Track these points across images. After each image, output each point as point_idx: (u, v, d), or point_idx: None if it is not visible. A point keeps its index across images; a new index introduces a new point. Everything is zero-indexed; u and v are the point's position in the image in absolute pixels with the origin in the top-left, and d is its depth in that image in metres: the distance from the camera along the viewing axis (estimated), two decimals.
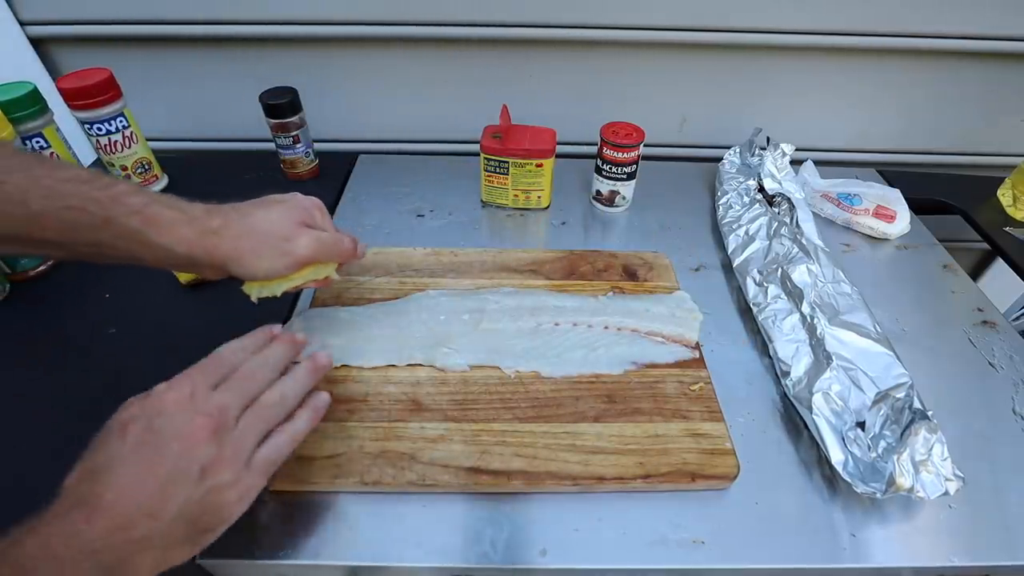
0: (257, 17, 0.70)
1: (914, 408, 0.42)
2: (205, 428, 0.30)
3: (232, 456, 0.31)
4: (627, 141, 0.63)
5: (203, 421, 0.30)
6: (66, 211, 0.33)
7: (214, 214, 0.38)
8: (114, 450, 0.29)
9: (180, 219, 0.36)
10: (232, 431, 0.31)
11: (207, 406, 0.31)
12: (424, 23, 0.70)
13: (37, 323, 0.52)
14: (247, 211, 0.40)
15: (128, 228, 0.35)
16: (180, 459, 0.29)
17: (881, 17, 0.70)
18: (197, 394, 0.32)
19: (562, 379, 0.47)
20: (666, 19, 0.70)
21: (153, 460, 0.29)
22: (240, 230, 0.38)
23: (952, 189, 0.75)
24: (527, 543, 0.38)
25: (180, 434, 0.30)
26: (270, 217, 0.40)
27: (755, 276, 0.56)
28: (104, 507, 0.28)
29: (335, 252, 0.43)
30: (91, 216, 0.34)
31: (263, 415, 0.33)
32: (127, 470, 0.29)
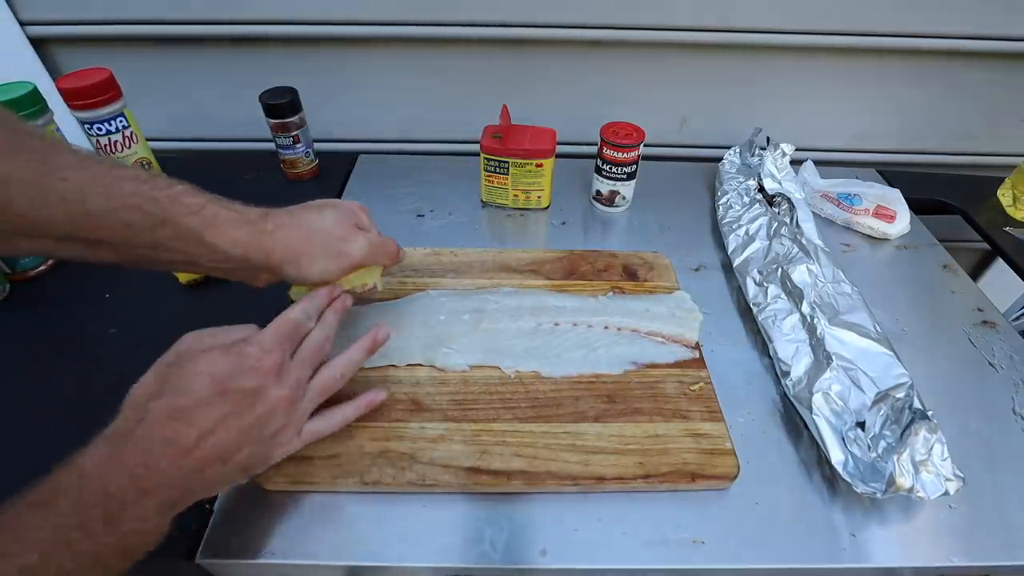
0: (257, 17, 0.70)
1: (914, 408, 0.42)
2: (286, 401, 0.34)
3: (294, 426, 0.35)
4: (627, 141, 0.63)
5: (287, 394, 0.34)
6: (125, 210, 0.33)
7: (269, 217, 0.38)
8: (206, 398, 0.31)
9: (237, 220, 0.36)
10: (297, 404, 0.35)
11: (291, 379, 0.35)
12: (424, 23, 0.70)
13: (37, 323, 0.52)
14: (300, 214, 0.40)
15: (186, 228, 0.34)
16: (260, 422, 0.33)
17: (881, 17, 0.70)
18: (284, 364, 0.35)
19: (562, 379, 0.47)
20: (666, 19, 0.70)
21: (238, 417, 0.32)
22: (295, 232, 0.39)
23: (952, 189, 0.75)
24: (527, 543, 0.38)
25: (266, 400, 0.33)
26: (324, 219, 0.40)
27: (755, 276, 0.56)
28: (186, 448, 0.30)
29: (384, 254, 0.44)
30: (149, 216, 0.33)
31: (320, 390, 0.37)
32: (214, 419, 0.31)
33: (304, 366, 0.36)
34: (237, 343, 0.34)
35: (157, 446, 0.30)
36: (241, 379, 0.32)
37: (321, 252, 0.40)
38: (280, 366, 0.34)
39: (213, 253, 0.36)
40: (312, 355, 0.37)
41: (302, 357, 0.36)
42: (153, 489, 0.29)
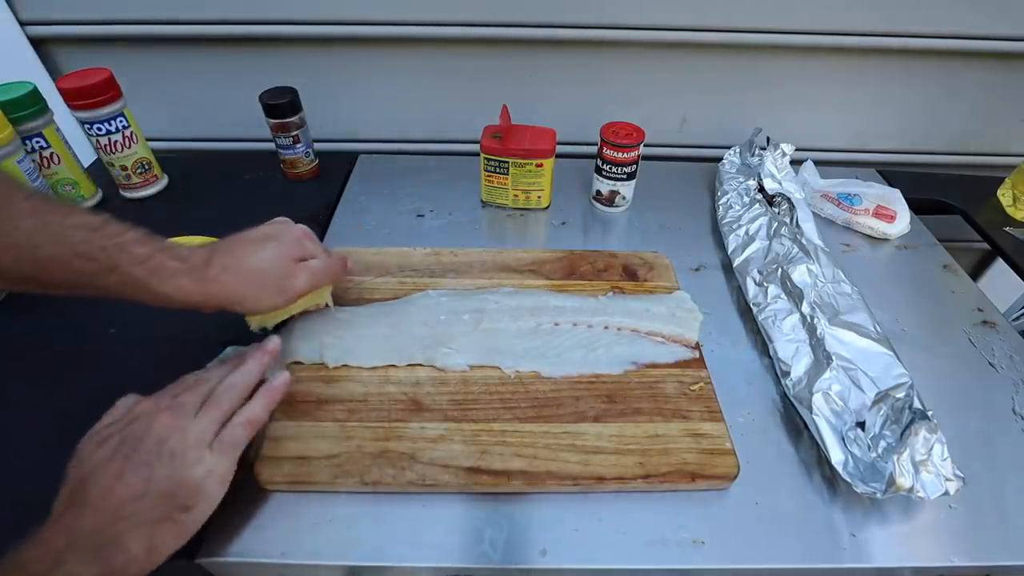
0: (257, 17, 0.70)
1: (914, 408, 0.42)
2: (168, 417, 0.35)
3: (194, 440, 0.35)
4: (627, 141, 0.63)
5: (165, 414, 0.35)
6: (75, 258, 0.34)
7: (213, 261, 0.40)
8: (94, 459, 0.33)
9: (181, 269, 0.38)
10: (192, 421, 0.35)
11: (169, 404, 0.36)
12: (424, 23, 0.70)
13: (36, 323, 0.52)
14: (243, 252, 0.41)
15: (132, 276, 0.36)
16: (152, 447, 0.33)
17: (881, 17, 0.70)
18: (160, 401, 0.36)
19: (562, 379, 0.47)
20: (666, 19, 0.70)
21: (129, 454, 0.33)
22: (238, 275, 0.40)
23: (952, 189, 0.75)
24: (527, 543, 0.38)
25: (149, 428, 0.34)
26: (265, 257, 0.42)
27: (755, 276, 0.56)
28: (92, 503, 0.31)
29: (328, 279, 0.46)
30: (98, 264, 0.35)
31: (216, 403, 0.37)
32: (108, 468, 0.32)
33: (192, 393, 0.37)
34: None
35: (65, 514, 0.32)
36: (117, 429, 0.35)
37: (265, 292, 0.41)
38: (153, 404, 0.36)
39: (158, 298, 0.38)
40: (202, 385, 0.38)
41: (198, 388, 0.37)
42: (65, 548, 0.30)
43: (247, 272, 0.41)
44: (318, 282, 0.45)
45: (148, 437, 0.34)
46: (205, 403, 0.37)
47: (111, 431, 0.35)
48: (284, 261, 0.42)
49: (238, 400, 0.38)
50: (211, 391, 0.37)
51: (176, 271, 0.38)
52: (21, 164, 0.58)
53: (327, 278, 0.46)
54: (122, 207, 0.68)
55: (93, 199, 0.67)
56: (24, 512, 0.39)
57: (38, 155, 0.61)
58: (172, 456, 0.34)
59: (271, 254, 0.42)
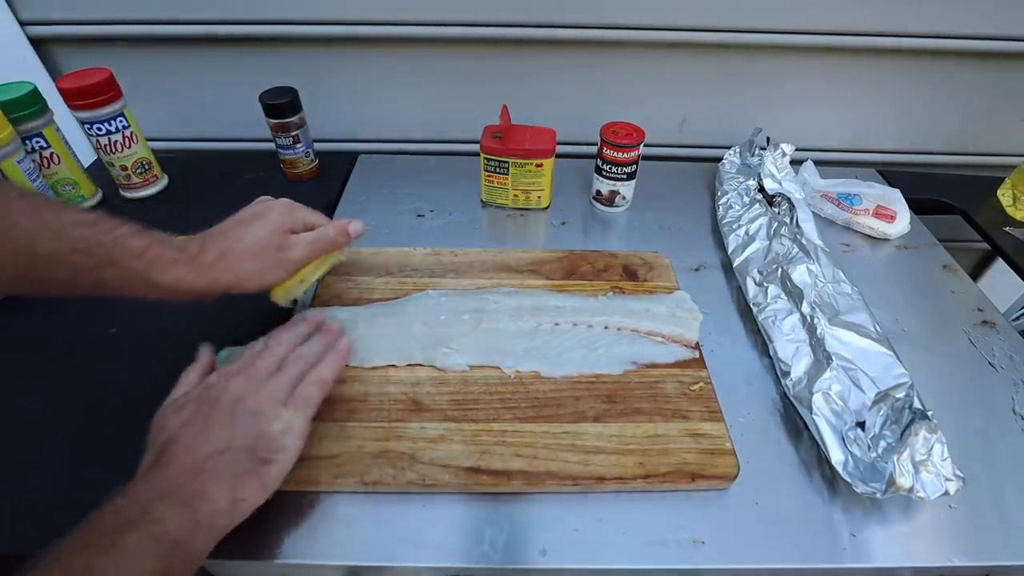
0: (257, 17, 0.70)
1: (914, 408, 0.42)
2: (243, 381, 0.37)
3: (270, 397, 0.37)
4: (627, 141, 0.63)
5: (241, 377, 0.38)
6: (72, 254, 0.35)
7: (206, 246, 0.40)
8: (175, 423, 0.35)
9: (178, 259, 0.38)
10: (266, 382, 0.38)
11: (242, 370, 0.39)
12: (424, 23, 0.70)
13: (36, 323, 0.52)
14: (234, 236, 0.42)
15: (130, 269, 0.37)
16: (230, 406, 0.36)
17: (881, 17, 0.70)
18: (231, 369, 0.39)
19: (562, 379, 0.47)
20: (666, 19, 0.70)
21: (209, 416, 0.35)
22: (233, 257, 0.41)
23: (952, 189, 0.75)
24: (527, 543, 0.38)
25: (224, 391, 0.37)
26: (257, 234, 0.42)
27: (755, 276, 0.56)
28: (175, 457, 0.33)
29: (327, 246, 0.47)
30: (95, 259, 0.35)
31: (286, 369, 0.40)
32: (190, 428, 0.35)
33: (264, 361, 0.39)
34: None
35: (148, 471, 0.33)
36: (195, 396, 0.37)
37: (263, 268, 0.42)
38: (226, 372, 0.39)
39: (159, 290, 0.38)
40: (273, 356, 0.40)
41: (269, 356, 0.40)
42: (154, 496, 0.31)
43: (242, 253, 0.41)
44: (317, 250, 0.45)
45: (224, 397, 0.36)
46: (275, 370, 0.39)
47: (187, 399, 0.37)
48: (275, 235, 0.43)
49: (306, 367, 0.40)
50: (281, 360, 0.40)
51: (174, 261, 0.38)
52: (21, 164, 0.58)
53: (325, 245, 0.46)
54: (122, 207, 0.68)
55: (93, 199, 0.67)
56: (25, 512, 0.39)
57: (38, 155, 0.61)
58: (250, 413, 0.36)
59: (262, 231, 0.42)
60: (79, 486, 0.40)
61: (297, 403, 0.38)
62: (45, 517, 0.38)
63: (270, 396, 0.37)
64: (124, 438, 0.43)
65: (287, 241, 0.43)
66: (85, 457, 0.42)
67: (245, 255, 0.41)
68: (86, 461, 0.41)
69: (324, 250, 0.46)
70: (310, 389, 0.39)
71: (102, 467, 0.41)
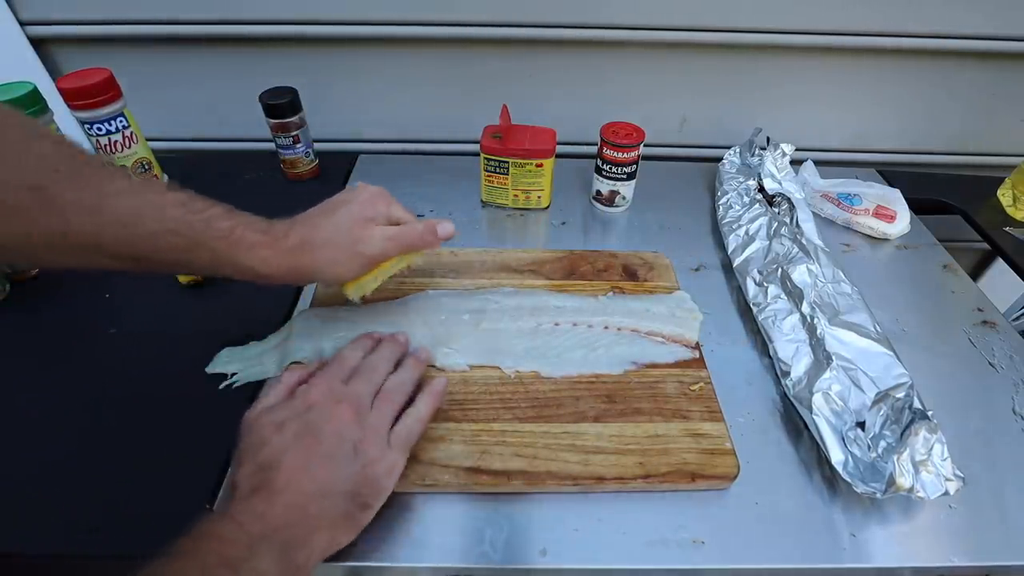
0: (257, 17, 0.70)
1: (914, 408, 0.42)
2: (348, 412, 0.36)
3: (374, 434, 0.36)
4: (627, 141, 0.63)
5: (346, 406, 0.36)
6: (168, 234, 0.35)
7: (292, 232, 0.40)
8: (277, 444, 0.34)
9: (263, 241, 0.38)
10: (369, 413, 0.37)
11: (345, 394, 0.37)
12: (424, 23, 0.70)
13: (37, 323, 0.52)
14: (317, 222, 0.41)
15: (216, 251, 0.37)
16: (334, 440, 0.35)
17: (881, 17, 0.70)
18: (334, 387, 0.38)
19: (562, 379, 0.47)
20: (666, 19, 0.70)
21: (313, 445, 0.34)
22: (315, 244, 0.40)
23: (952, 189, 0.75)
24: (527, 543, 0.38)
25: (330, 420, 0.35)
26: (337, 223, 0.41)
27: (755, 276, 0.56)
28: (279, 489, 0.32)
29: (407, 244, 0.44)
30: (187, 239, 0.36)
31: (390, 399, 0.39)
32: (293, 457, 0.33)
33: (370, 383, 0.39)
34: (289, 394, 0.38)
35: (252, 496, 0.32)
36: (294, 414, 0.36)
37: (337, 259, 0.41)
38: (328, 391, 0.37)
39: (243, 272, 0.38)
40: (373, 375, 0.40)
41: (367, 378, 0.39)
42: (260, 533, 0.31)
43: (322, 241, 0.40)
44: (395, 247, 0.43)
45: (329, 429, 0.35)
46: (378, 396, 0.39)
47: (287, 415, 0.36)
48: (355, 226, 0.42)
49: (406, 397, 0.40)
50: (380, 382, 0.40)
51: (258, 243, 0.38)
52: None
53: (405, 243, 0.44)
54: None
55: None
56: (25, 512, 0.39)
57: None
58: (356, 453, 0.35)
59: (343, 219, 0.42)
60: (79, 486, 0.40)
61: (400, 442, 0.37)
62: (45, 517, 0.39)
63: (374, 433, 0.36)
64: (124, 438, 0.43)
65: (365, 234, 0.42)
66: (85, 457, 0.42)
67: (324, 244, 0.40)
68: (86, 461, 0.41)
69: (404, 248, 0.44)
70: (413, 427, 0.39)
71: (102, 467, 0.41)
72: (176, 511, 0.37)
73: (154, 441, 0.43)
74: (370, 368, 0.41)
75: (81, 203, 0.33)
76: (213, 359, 0.47)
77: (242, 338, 0.50)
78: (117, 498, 0.39)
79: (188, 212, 0.36)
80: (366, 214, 0.42)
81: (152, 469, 0.41)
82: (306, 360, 0.47)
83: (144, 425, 0.44)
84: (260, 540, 0.30)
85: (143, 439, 0.43)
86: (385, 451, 0.36)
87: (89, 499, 0.39)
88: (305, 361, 0.47)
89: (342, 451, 0.34)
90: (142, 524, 0.36)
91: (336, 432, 0.35)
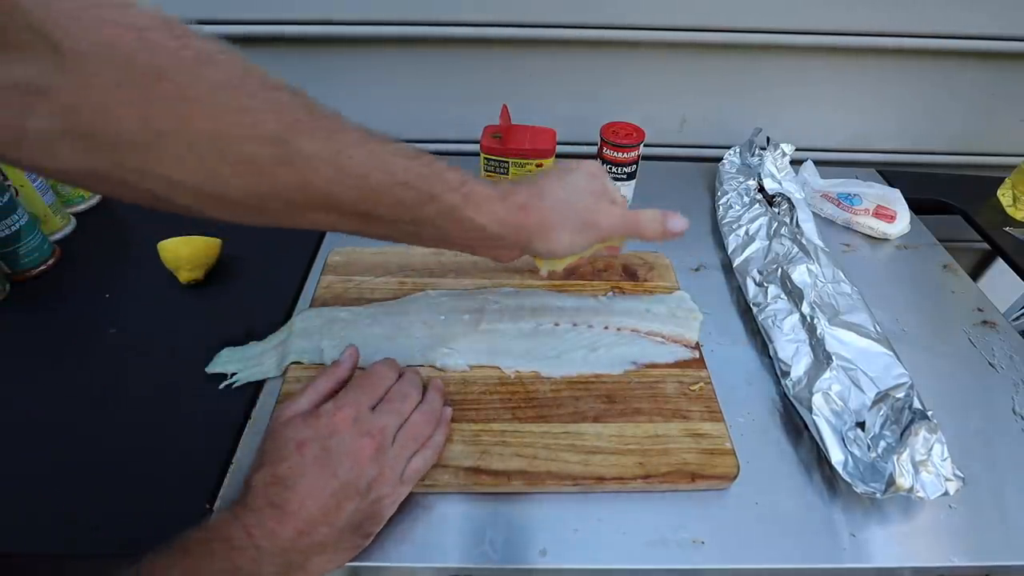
0: (258, 17, 0.69)
1: (914, 408, 0.42)
2: (370, 448, 0.35)
3: (391, 472, 0.36)
4: (627, 141, 0.63)
5: (368, 442, 0.36)
6: (399, 187, 0.33)
7: (519, 191, 0.38)
8: (295, 463, 0.34)
9: (493, 196, 0.36)
10: (390, 450, 0.37)
11: (371, 427, 0.36)
12: (424, 23, 0.70)
13: (37, 323, 0.52)
14: (546, 185, 0.39)
15: (449, 205, 0.34)
16: (351, 475, 0.34)
17: (881, 17, 0.70)
18: (361, 416, 0.37)
19: (562, 379, 0.47)
20: (666, 19, 0.70)
21: (329, 475, 0.34)
22: (545, 204, 0.38)
23: (952, 189, 0.75)
24: (527, 543, 0.38)
25: (350, 452, 0.35)
26: (570, 190, 0.39)
27: (755, 276, 0.56)
28: (291, 512, 0.32)
29: (637, 228, 0.41)
30: (418, 192, 0.34)
31: (414, 434, 0.38)
32: (308, 482, 0.33)
33: (392, 416, 0.38)
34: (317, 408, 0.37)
35: (266, 509, 0.32)
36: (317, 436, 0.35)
37: (571, 226, 0.38)
38: (354, 420, 0.36)
39: (469, 230, 0.36)
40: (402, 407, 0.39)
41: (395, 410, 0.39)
42: (268, 549, 0.31)
43: (554, 202, 0.38)
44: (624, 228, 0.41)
45: (348, 463, 0.34)
46: (403, 429, 0.38)
47: (310, 435, 0.35)
48: (590, 196, 0.39)
49: (430, 431, 0.40)
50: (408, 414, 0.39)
51: (488, 197, 0.36)
52: None
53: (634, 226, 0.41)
54: (122, 207, 0.67)
55: (93, 198, 0.67)
56: (25, 511, 0.39)
57: None
58: (369, 491, 0.35)
59: (575, 187, 0.39)
60: (79, 486, 0.40)
61: (413, 476, 0.38)
62: (45, 517, 0.39)
63: (391, 470, 0.36)
64: (124, 438, 0.43)
65: (601, 206, 0.39)
66: (85, 457, 0.42)
67: (556, 205, 0.38)
68: (86, 461, 0.41)
69: (633, 231, 0.41)
70: (430, 460, 0.39)
71: (103, 467, 0.41)
72: (176, 511, 0.37)
73: (154, 441, 0.43)
74: (400, 397, 0.40)
75: (320, 156, 0.31)
76: (213, 359, 0.47)
77: (242, 338, 0.50)
78: (117, 498, 0.39)
79: (420, 164, 0.34)
80: (595, 188, 0.40)
81: (152, 469, 0.41)
82: (305, 360, 0.47)
83: (144, 425, 0.44)
84: (268, 555, 0.31)
85: (143, 439, 0.43)
86: (396, 487, 0.36)
87: (89, 499, 0.39)
88: (305, 361, 0.47)
89: (356, 487, 0.34)
90: (142, 524, 0.36)
91: (353, 467, 0.34)
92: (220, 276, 0.56)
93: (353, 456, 0.35)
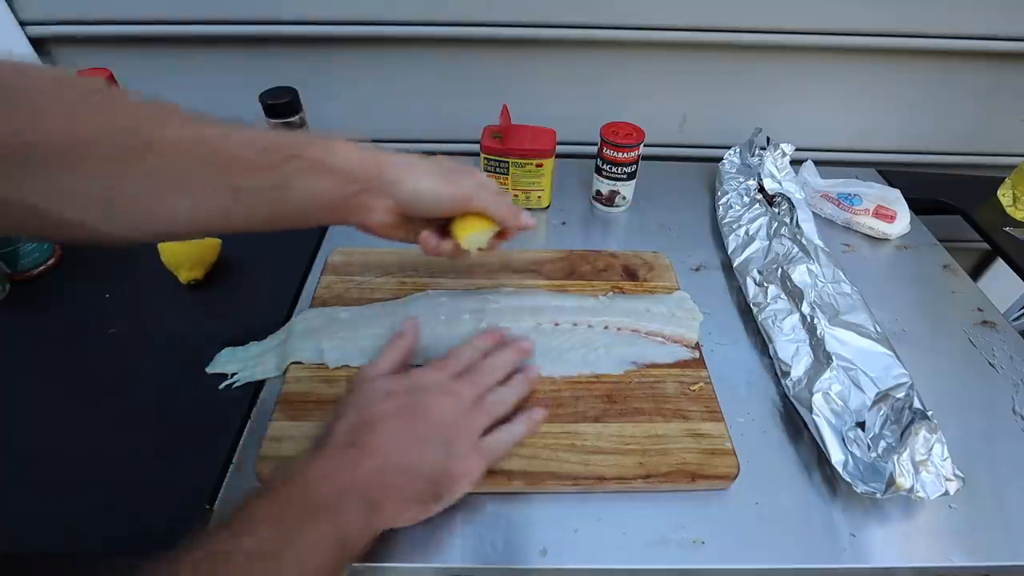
0: (257, 17, 0.69)
1: (914, 408, 0.42)
2: (451, 405, 0.38)
3: (466, 433, 0.37)
4: (627, 141, 0.63)
5: (450, 400, 0.38)
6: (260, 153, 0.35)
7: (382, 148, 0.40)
8: (380, 409, 0.36)
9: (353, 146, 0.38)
10: (466, 415, 0.38)
11: (451, 390, 0.39)
12: (424, 23, 0.70)
13: (37, 323, 0.52)
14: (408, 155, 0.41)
15: (313, 159, 0.36)
16: (432, 426, 0.36)
17: (881, 17, 0.70)
18: (443, 380, 0.40)
19: (562, 379, 0.47)
20: (666, 19, 0.70)
21: (412, 423, 0.36)
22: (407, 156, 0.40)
23: (952, 189, 0.75)
24: (527, 543, 0.38)
25: (434, 406, 0.37)
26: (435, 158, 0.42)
27: (755, 276, 0.56)
28: (371, 451, 0.34)
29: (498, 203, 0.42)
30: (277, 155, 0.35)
31: (487, 409, 0.40)
32: (391, 426, 0.35)
33: (476, 387, 0.40)
34: None
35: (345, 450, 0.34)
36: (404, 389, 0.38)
37: (433, 170, 0.40)
38: (438, 382, 0.39)
39: (335, 180, 0.37)
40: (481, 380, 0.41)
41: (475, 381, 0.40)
42: (348, 487, 0.32)
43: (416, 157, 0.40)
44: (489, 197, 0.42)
45: (429, 414, 0.37)
46: (478, 402, 0.39)
47: (396, 387, 0.38)
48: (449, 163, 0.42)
49: (503, 415, 0.40)
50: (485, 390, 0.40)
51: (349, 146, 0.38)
52: None
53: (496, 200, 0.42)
54: None
55: None
56: (25, 511, 0.39)
57: None
58: (446, 445, 0.36)
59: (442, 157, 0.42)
60: (79, 486, 0.40)
61: (487, 452, 0.38)
62: (46, 517, 0.39)
63: (467, 432, 0.37)
64: (124, 438, 0.43)
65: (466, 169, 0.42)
66: (85, 457, 0.42)
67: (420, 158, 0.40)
68: (86, 461, 0.41)
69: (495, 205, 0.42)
70: (504, 439, 0.39)
71: (103, 467, 0.41)
72: (176, 511, 0.37)
73: (154, 441, 0.43)
74: (481, 372, 0.41)
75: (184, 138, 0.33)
76: (213, 359, 0.47)
77: (242, 338, 0.50)
78: (117, 498, 0.39)
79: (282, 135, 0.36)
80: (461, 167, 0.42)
81: (152, 469, 0.41)
82: (305, 360, 0.47)
83: (144, 425, 0.44)
84: (350, 488, 0.32)
85: (143, 439, 0.43)
86: (470, 453, 0.37)
87: (89, 499, 0.39)
88: (305, 361, 0.47)
89: (434, 438, 0.36)
90: (142, 524, 0.36)
91: (435, 420, 0.37)
92: (220, 276, 0.56)
93: (434, 410, 0.37)
